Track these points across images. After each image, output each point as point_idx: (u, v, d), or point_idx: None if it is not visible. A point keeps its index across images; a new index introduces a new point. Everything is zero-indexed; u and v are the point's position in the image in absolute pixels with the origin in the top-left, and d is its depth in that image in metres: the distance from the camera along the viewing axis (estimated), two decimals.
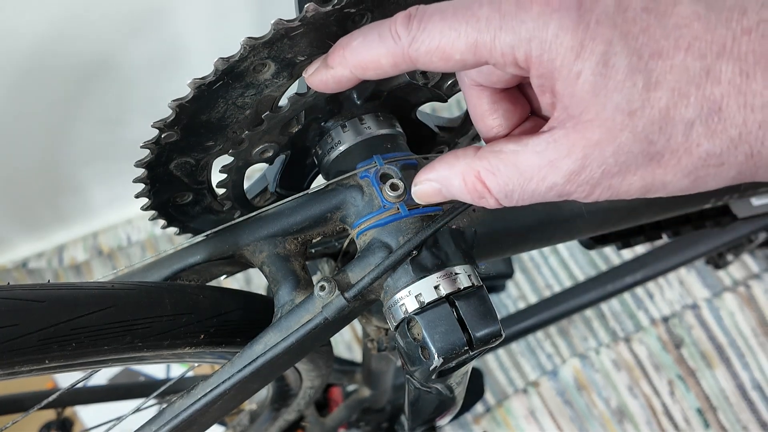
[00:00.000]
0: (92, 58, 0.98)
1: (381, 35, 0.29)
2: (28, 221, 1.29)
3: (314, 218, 0.40)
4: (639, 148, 0.25)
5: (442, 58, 0.27)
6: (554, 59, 0.25)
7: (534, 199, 0.29)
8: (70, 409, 1.15)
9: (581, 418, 1.22)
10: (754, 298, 1.27)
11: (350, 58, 0.30)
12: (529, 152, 0.28)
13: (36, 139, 1.09)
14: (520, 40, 0.25)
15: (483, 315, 0.35)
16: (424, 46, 0.27)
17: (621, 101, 0.25)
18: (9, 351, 0.29)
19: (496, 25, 0.26)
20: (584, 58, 0.24)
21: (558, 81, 0.25)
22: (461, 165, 0.30)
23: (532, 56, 0.25)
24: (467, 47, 0.26)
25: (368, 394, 0.82)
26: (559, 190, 0.27)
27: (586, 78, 0.25)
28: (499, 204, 0.30)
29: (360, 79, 0.31)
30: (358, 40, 0.30)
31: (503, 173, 0.28)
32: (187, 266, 0.42)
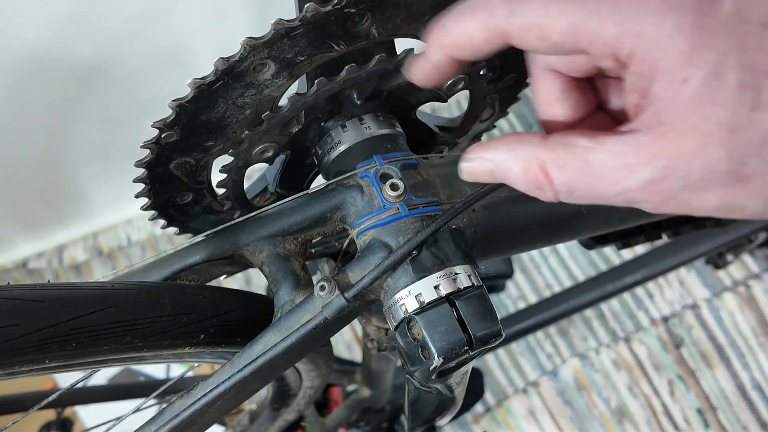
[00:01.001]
0: (92, 58, 0.98)
1: (473, 8, 0.27)
2: (28, 221, 1.29)
3: (314, 218, 0.40)
4: (729, 168, 0.24)
5: (539, 36, 0.25)
6: (660, 60, 0.23)
7: (596, 200, 0.27)
8: (70, 409, 1.15)
9: (581, 418, 1.22)
10: (754, 298, 1.27)
11: (442, 38, 0.28)
12: (604, 152, 0.26)
13: (36, 139, 1.09)
14: (627, 33, 0.24)
15: (483, 315, 0.35)
16: (523, 21, 0.25)
17: (724, 117, 0.23)
18: (9, 351, 0.29)
19: (605, 12, 0.24)
20: (695, 65, 0.23)
21: (658, 83, 0.24)
22: (525, 151, 0.28)
23: (637, 52, 0.24)
24: (568, 29, 0.24)
25: (368, 394, 0.82)
26: (628, 197, 0.26)
27: (692, 86, 0.23)
28: (557, 198, 0.28)
29: (457, 61, 0.29)
30: (450, 17, 0.28)
31: (571, 168, 0.27)
32: (187, 266, 0.42)
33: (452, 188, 0.41)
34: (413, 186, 0.38)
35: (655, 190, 0.25)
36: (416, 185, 0.39)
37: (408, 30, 0.35)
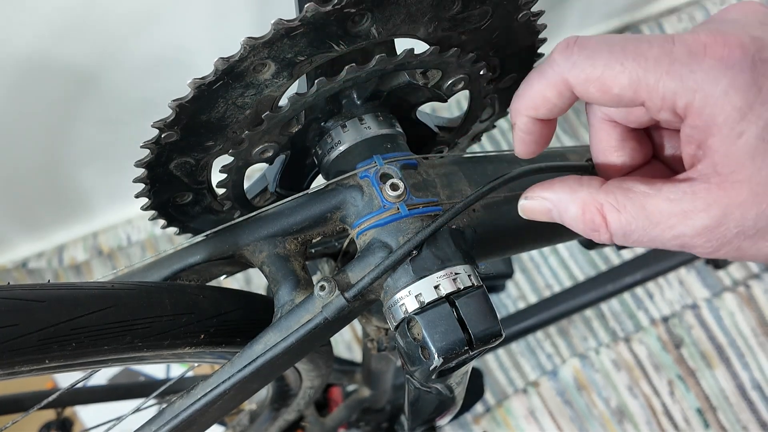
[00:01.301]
0: (92, 58, 0.98)
1: (540, 70, 0.29)
2: (28, 221, 1.29)
3: (314, 218, 0.40)
4: None
5: (600, 89, 0.27)
6: (717, 115, 0.25)
7: (652, 245, 0.28)
8: (70, 409, 1.15)
9: (581, 418, 1.22)
10: (754, 298, 1.27)
11: (520, 105, 0.31)
12: (661, 198, 0.27)
13: (36, 139, 1.09)
14: (685, 88, 0.25)
15: (483, 315, 0.35)
16: (585, 74, 0.27)
17: None
18: (9, 351, 0.29)
19: (664, 69, 0.25)
20: (750, 120, 0.24)
21: (714, 137, 0.25)
22: (584, 193, 0.30)
23: (694, 107, 0.25)
24: (630, 84, 0.26)
25: (368, 394, 0.82)
26: (684, 241, 0.27)
27: (747, 140, 0.25)
28: (611, 241, 0.29)
29: (540, 119, 0.31)
30: (522, 85, 0.30)
31: (629, 212, 0.28)
32: (187, 266, 0.42)
33: (452, 188, 0.41)
34: (413, 186, 0.38)
35: (710, 236, 0.26)
36: (416, 185, 0.39)
37: (408, 30, 0.35)
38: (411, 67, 0.38)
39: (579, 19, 1.44)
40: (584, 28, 1.48)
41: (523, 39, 0.40)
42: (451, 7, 0.35)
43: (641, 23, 1.49)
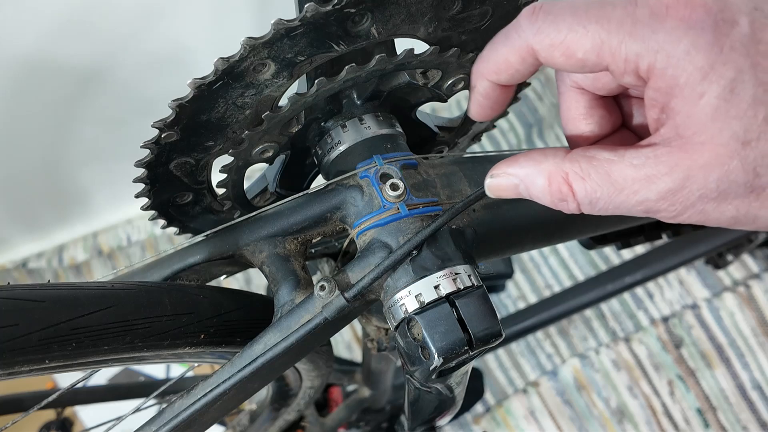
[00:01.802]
0: (92, 58, 0.98)
1: (506, 34, 0.29)
2: (28, 221, 1.29)
3: (314, 218, 0.40)
4: (744, 179, 0.25)
5: (565, 53, 0.27)
6: (679, 76, 0.25)
7: (618, 211, 0.28)
8: (70, 409, 1.15)
9: (581, 418, 1.22)
10: (754, 298, 1.27)
11: (483, 67, 0.30)
12: (625, 163, 0.27)
13: (36, 139, 1.09)
14: (647, 49, 0.25)
15: (483, 315, 0.35)
16: (549, 39, 0.27)
17: (739, 129, 0.25)
18: (9, 351, 0.29)
19: (626, 30, 0.25)
20: (711, 80, 0.24)
21: (676, 98, 0.25)
22: (549, 164, 0.29)
23: (656, 68, 0.25)
24: (592, 47, 0.26)
25: (368, 394, 0.82)
26: (648, 206, 0.27)
27: (708, 101, 0.25)
28: (579, 210, 0.29)
29: (502, 85, 0.31)
30: (486, 47, 0.30)
31: (593, 179, 0.28)
32: (187, 266, 0.42)
33: (452, 188, 0.41)
34: (413, 186, 0.38)
35: (673, 200, 0.26)
36: (416, 185, 0.39)
37: (408, 30, 0.35)
38: (411, 67, 0.38)
39: None
40: None
41: None
42: (451, 7, 0.35)
43: None
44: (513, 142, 1.43)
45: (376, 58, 0.35)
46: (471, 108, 0.33)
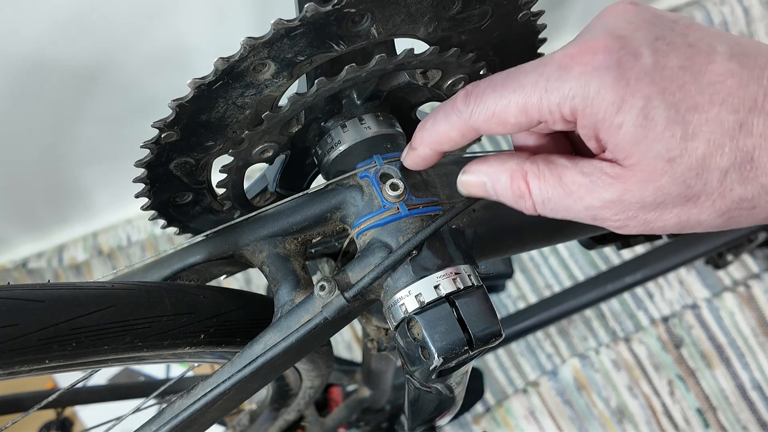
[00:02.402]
0: (92, 58, 0.98)
1: (446, 114, 0.32)
2: (28, 221, 1.29)
3: (314, 218, 0.40)
4: (677, 191, 0.28)
5: (500, 123, 0.30)
6: (596, 113, 0.27)
7: (568, 214, 0.31)
8: (70, 409, 1.15)
9: (581, 418, 1.22)
10: (754, 298, 1.27)
11: (426, 138, 0.34)
12: (576, 170, 0.30)
13: (36, 139, 1.09)
14: (564, 97, 0.28)
15: (483, 315, 0.35)
16: (482, 116, 0.31)
17: (661, 149, 0.27)
18: (9, 351, 0.29)
19: (541, 88, 0.29)
20: (625, 111, 0.27)
21: (601, 131, 0.28)
22: (513, 163, 0.32)
23: (577, 110, 0.28)
24: (518, 111, 0.29)
25: (368, 394, 0.82)
26: (593, 213, 0.30)
27: (627, 129, 0.27)
28: (535, 209, 0.32)
29: (441, 152, 0.35)
30: (429, 122, 0.34)
31: (547, 180, 0.31)
32: (187, 266, 0.42)
33: (452, 188, 0.41)
34: (413, 186, 0.38)
35: (615, 209, 0.29)
36: (416, 185, 0.39)
37: (408, 30, 0.35)
38: (411, 67, 0.38)
39: (579, 19, 1.44)
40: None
41: (523, 39, 0.40)
42: (451, 7, 0.35)
43: None
44: None
45: (376, 58, 0.35)
46: (408, 161, 0.36)
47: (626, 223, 0.29)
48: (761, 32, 1.52)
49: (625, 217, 0.29)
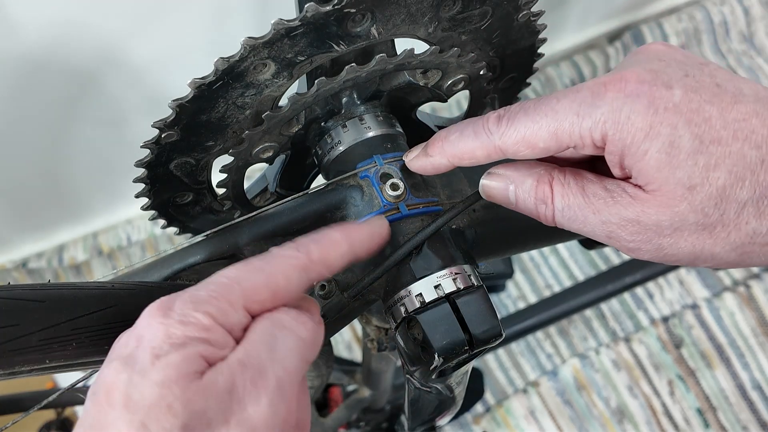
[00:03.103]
0: (93, 58, 0.98)
1: (476, 132, 0.33)
2: (28, 221, 1.29)
3: (314, 218, 0.40)
4: (694, 218, 0.29)
5: (528, 146, 0.31)
6: (625, 138, 0.29)
7: (585, 227, 0.32)
8: (70, 409, 1.15)
9: (581, 418, 1.22)
10: (754, 298, 1.27)
11: (448, 150, 0.34)
12: (600, 185, 0.31)
13: (36, 139, 1.09)
14: (596, 122, 0.29)
15: (483, 315, 0.35)
16: (512, 139, 0.32)
17: (683, 177, 0.28)
18: (9, 351, 0.29)
19: (573, 113, 0.30)
20: (652, 138, 0.28)
21: (627, 157, 0.29)
22: (540, 169, 0.33)
23: (607, 135, 0.29)
24: (549, 136, 0.30)
25: (368, 394, 0.82)
26: (609, 230, 0.31)
27: (652, 155, 0.28)
28: (554, 217, 0.32)
29: (456, 165, 0.35)
30: (455, 135, 0.34)
31: (572, 189, 0.32)
32: (187, 266, 0.42)
33: (452, 188, 0.41)
34: (413, 186, 0.39)
35: (632, 229, 0.30)
36: (416, 185, 0.39)
37: (408, 30, 0.35)
38: (411, 67, 0.38)
39: (579, 19, 1.44)
40: (584, 29, 1.48)
41: (523, 39, 0.40)
42: (451, 7, 0.35)
43: (641, 23, 1.49)
44: None
45: (376, 58, 0.35)
46: (416, 164, 0.37)
47: (640, 246, 0.30)
48: (761, 32, 1.52)
49: (640, 239, 0.30)
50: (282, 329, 0.29)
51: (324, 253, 0.32)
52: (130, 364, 0.26)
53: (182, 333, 0.27)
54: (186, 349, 0.26)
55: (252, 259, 0.30)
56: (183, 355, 0.26)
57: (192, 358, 0.26)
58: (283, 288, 0.30)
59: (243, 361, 0.27)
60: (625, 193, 0.30)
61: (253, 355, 0.27)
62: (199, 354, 0.26)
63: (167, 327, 0.27)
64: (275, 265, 0.30)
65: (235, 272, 0.29)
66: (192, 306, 0.27)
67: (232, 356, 0.27)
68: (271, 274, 0.30)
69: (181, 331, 0.27)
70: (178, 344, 0.26)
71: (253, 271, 0.29)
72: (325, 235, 0.32)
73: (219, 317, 0.28)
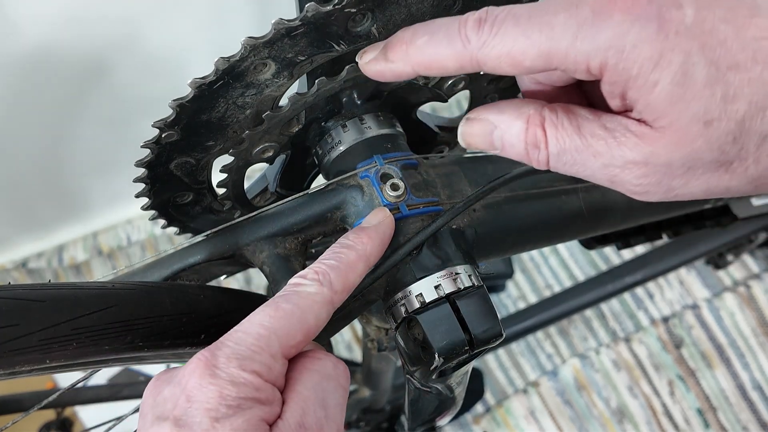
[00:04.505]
0: (93, 57, 0.98)
1: (449, 38, 0.28)
2: (28, 221, 1.29)
3: (314, 218, 0.40)
4: (710, 157, 0.25)
5: (512, 64, 0.27)
6: (630, 68, 0.25)
7: (584, 171, 0.28)
8: (70, 409, 1.15)
9: (581, 418, 1.22)
10: (754, 298, 1.27)
11: (414, 55, 0.29)
12: (598, 123, 0.27)
13: (36, 139, 1.09)
14: (596, 49, 0.25)
15: (483, 315, 0.35)
16: (495, 51, 0.27)
17: (698, 111, 0.24)
18: (10, 351, 0.29)
19: (571, 34, 0.25)
20: (662, 67, 0.24)
21: (632, 89, 0.25)
22: (530, 108, 0.29)
23: (608, 65, 0.25)
24: (539, 55, 0.26)
25: (368, 394, 0.82)
26: (611, 173, 0.27)
27: (663, 87, 0.25)
28: (548, 162, 0.29)
29: (419, 75, 0.30)
30: (423, 39, 0.29)
31: (567, 129, 0.28)
32: (187, 266, 0.42)
33: (453, 188, 0.41)
34: (414, 186, 0.38)
35: (638, 172, 0.26)
36: (417, 185, 0.39)
37: None
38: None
39: None
40: None
41: None
42: (452, 7, 0.35)
43: None
44: None
45: None
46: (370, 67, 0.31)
47: (648, 189, 0.27)
48: None
49: (648, 182, 0.27)
50: (329, 381, 0.29)
51: (344, 281, 0.32)
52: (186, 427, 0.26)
53: (236, 394, 0.27)
54: (246, 413, 0.26)
55: (280, 300, 0.30)
56: (245, 419, 0.26)
57: (255, 422, 0.26)
58: (314, 327, 0.30)
59: (302, 423, 0.27)
60: (628, 131, 0.26)
61: (310, 413, 0.28)
62: (260, 417, 0.27)
63: (220, 388, 0.27)
64: (304, 306, 0.30)
65: (270, 321, 0.29)
66: (238, 364, 0.27)
67: (289, 417, 0.27)
68: (302, 317, 0.30)
69: (235, 393, 0.27)
70: (234, 406, 0.26)
71: (286, 317, 0.29)
72: (343, 259, 0.32)
73: (265, 374, 0.28)
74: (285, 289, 0.31)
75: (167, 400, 0.27)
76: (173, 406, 0.27)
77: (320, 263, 0.32)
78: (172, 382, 0.28)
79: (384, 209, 0.36)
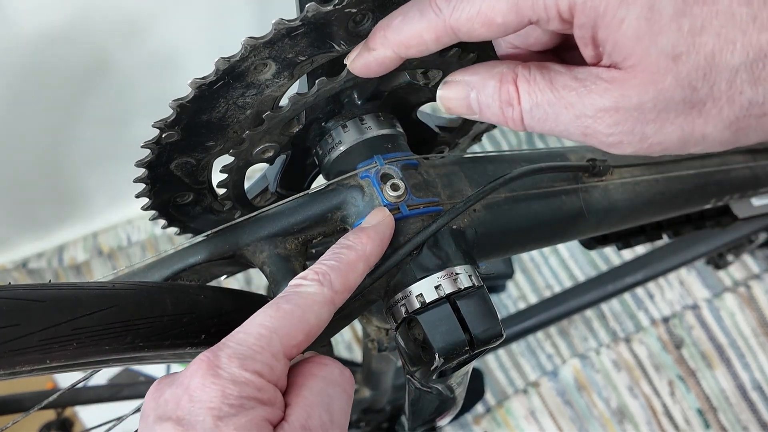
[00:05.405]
0: (93, 58, 0.98)
1: (422, 11, 0.28)
2: (28, 221, 1.29)
3: (315, 218, 0.40)
4: (681, 95, 0.25)
5: (485, 23, 0.27)
6: (597, 6, 0.25)
7: (557, 127, 0.28)
8: (70, 409, 1.15)
9: (581, 418, 1.22)
10: (755, 298, 1.27)
11: (392, 37, 0.30)
12: (569, 75, 0.27)
13: (36, 139, 1.09)
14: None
15: (484, 315, 0.35)
16: (465, 14, 0.27)
17: (666, 45, 0.24)
18: (10, 351, 0.29)
19: None
20: (629, 3, 0.24)
21: (600, 29, 0.25)
22: (503, 66, 0.29)
23: (576, 5, 0.25)
24: (509, 7, 0.26)
25: (368, 394, 0.82)
26: (584, 125, 0.27)
27: (630, 23, 0.24)
28: (522, 120, 0.29)
29: (403, 58, 0.30)
30: (398, 19, 0.30)
31: (539, 85, 0.28)
32: (187, 266, 0.42)
33: (453, 188, 0.41)
34: (414, 186, 0.38)
35: (609, 120, 0.26)
36: (417, 185, 0.39)
37: None
38: (412, 67, 0.38)
39: None
40: None
41: None
42: None
43: None
44: (513, 142, 1.43)
45: None
46: (356, 64, 0.32)
47: (621, 138, 0.27)
48: None
49: (619, 130, 0.26)
50: (335, 387, 0.29)
51: (345, 281, 0.32)
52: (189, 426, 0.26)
53: (238, 393, 0.27)
54: (249, 412, 0.26)
55: (281, 301, 0.30)
56: (248, 418, 0.26)
57: (258, 421, 0.26)
58: (315, 327, 0.30)
59: (306, 427, 0.27)
60: (599, 79, 0.26)
61: (315, 418, 0.28)
62: (263, 417, 0.27)
63: (222, 387, 0.27)
64: (304, 306, 0.30)
65: (270, 321, 0.29)
66: (239, 363, 0.27)
67: (294, 420, 0.27)
68: (303, 317, 0.30)
69: (237, 392, 0.27)
70: (236, 405, 0.26)
71: (287, 317, 0.29)
72: (343, 260, 0.32)
73: (267, 374, 0.28)
74: (286, 290, 0.31)
75: (169, 401, 0.27)
76: (176, 406, 0.27)
77: (320, 264, 0.32)
78: (174, 384, 0.28)
79: (384, 209, 0.36)
